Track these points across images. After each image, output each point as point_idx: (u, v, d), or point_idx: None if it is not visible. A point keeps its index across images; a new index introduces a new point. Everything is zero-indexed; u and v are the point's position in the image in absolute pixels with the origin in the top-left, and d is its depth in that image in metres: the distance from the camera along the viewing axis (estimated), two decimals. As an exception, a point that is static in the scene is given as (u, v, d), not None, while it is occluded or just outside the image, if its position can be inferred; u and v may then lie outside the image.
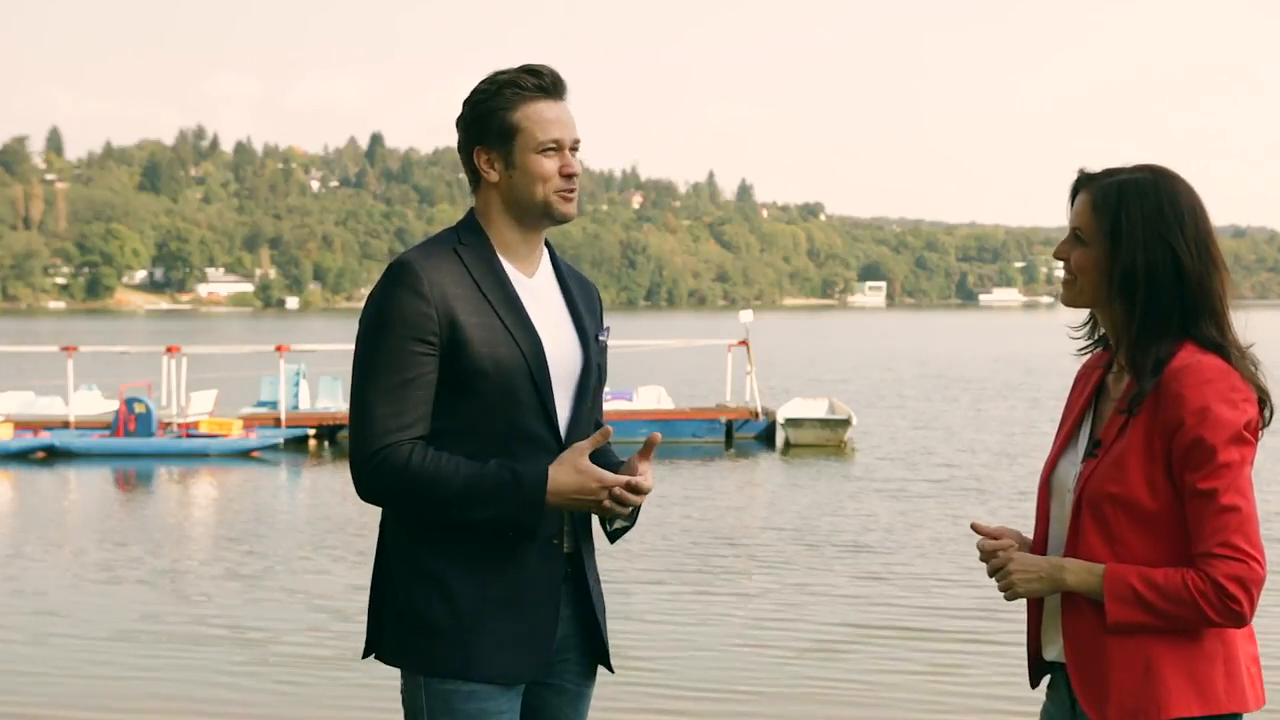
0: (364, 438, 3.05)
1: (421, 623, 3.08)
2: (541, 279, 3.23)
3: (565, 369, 3.16)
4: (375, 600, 3.21)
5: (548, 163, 3.13)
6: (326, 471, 23.98)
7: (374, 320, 3.07)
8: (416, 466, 3.01)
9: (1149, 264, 2.86)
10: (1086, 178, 2.98)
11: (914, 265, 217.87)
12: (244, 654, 10.71)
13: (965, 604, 12.26)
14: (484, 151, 3.16)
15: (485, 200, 3.19)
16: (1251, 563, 2.77)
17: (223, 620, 11.97)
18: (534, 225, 3.20)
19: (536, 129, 3.12)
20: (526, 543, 3.09)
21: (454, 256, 3.12)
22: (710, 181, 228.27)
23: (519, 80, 3.13)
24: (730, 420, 28.21)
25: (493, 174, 3.16)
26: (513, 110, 3.12)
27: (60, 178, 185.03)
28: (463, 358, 3.04)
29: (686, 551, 15.38)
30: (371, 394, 3.04)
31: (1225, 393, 2.80)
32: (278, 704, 9.35)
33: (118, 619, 12.05)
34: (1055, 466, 3.02)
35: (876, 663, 10.33)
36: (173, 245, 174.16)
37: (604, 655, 3.27)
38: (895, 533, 16.70)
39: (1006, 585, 2.95)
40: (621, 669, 3.37)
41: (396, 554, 3.14)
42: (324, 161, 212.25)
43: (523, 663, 3.11)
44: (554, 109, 3.14)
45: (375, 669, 9.08)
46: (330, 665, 10.29)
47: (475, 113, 3.16)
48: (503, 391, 3.07)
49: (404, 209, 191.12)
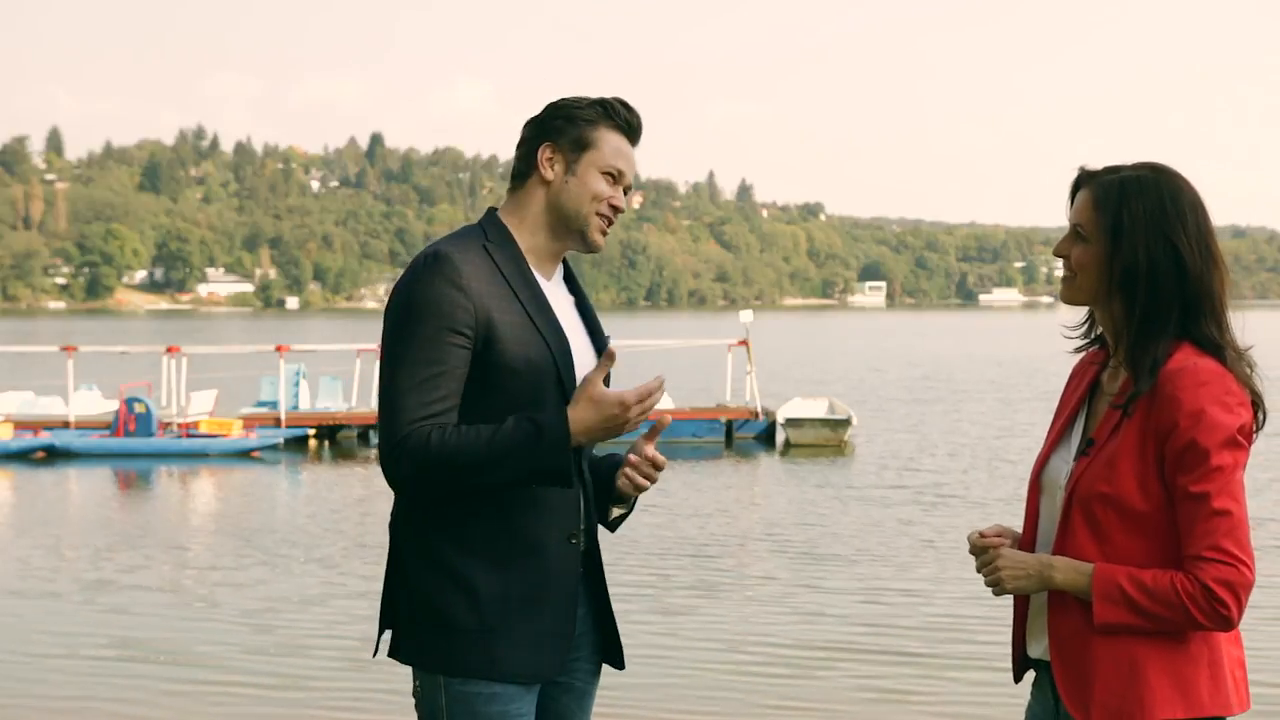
0: (391, 427, 3.01)
1: (443, 622, 3.06)
2: (557, 284, 3.26)
3: (584, 371, 3.17)
4: (389, 599, 3.18)
5: (604, 185, 3.17)
6: (326, 471, 24.00)
7: (408, 310, 3.03)
8: (438, 442, 2.98)
9: (1150, 261, 2.86)
10: (1087, 175, 2.97)
11: (914, 265, 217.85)
12: (244, 654, 10.70)
13: (963, 611, 12.25)
14: (551, 149, 3.18)
15: (527, 198, 3.20)
16: (1241, 567, 2.77)
17: (222, 620, 11.97)
18: (562, 239, 3.21)
19: (608, 152, 3.17)
20: (546, 540, 3.09)
21: (484, 253, 3.11)
22: (710, 181, 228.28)
23: (612, 106, 3.20)
24: (730, 420, 28.21)
25: (550, 172, 3.17)
26: (595, 127, 3.17)
27: (60, 178, 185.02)
28: (495, 354, 3.04)
29: (685, 552, 15.38)
30: (402, 384, 3.01)
31: (1220, 396, 2.80)
32: (279, 704, 9.34)
33: (116, 619, 12.06)
34: (1047, 463, 3.02)
35: (876, 668, 10.33)
36: (173, 245, 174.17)
37: (617, 653, 3.29)
38: (894, 535, 16.70)
39: (994, 581, 2.94)
40: (610, 672, 3.37)
41: (412, 552, 3.11)
42: (324, 161, 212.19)
43: (544, 661, 3.10)
44: (627, 146, 3.22)
45: (379, 669, 9.07)
46: (332, 666, 10.29)
47: (559, 113, 3.19)
48: (530, 390, 3.07)
49: (404, 209, 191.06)
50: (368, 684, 9.50)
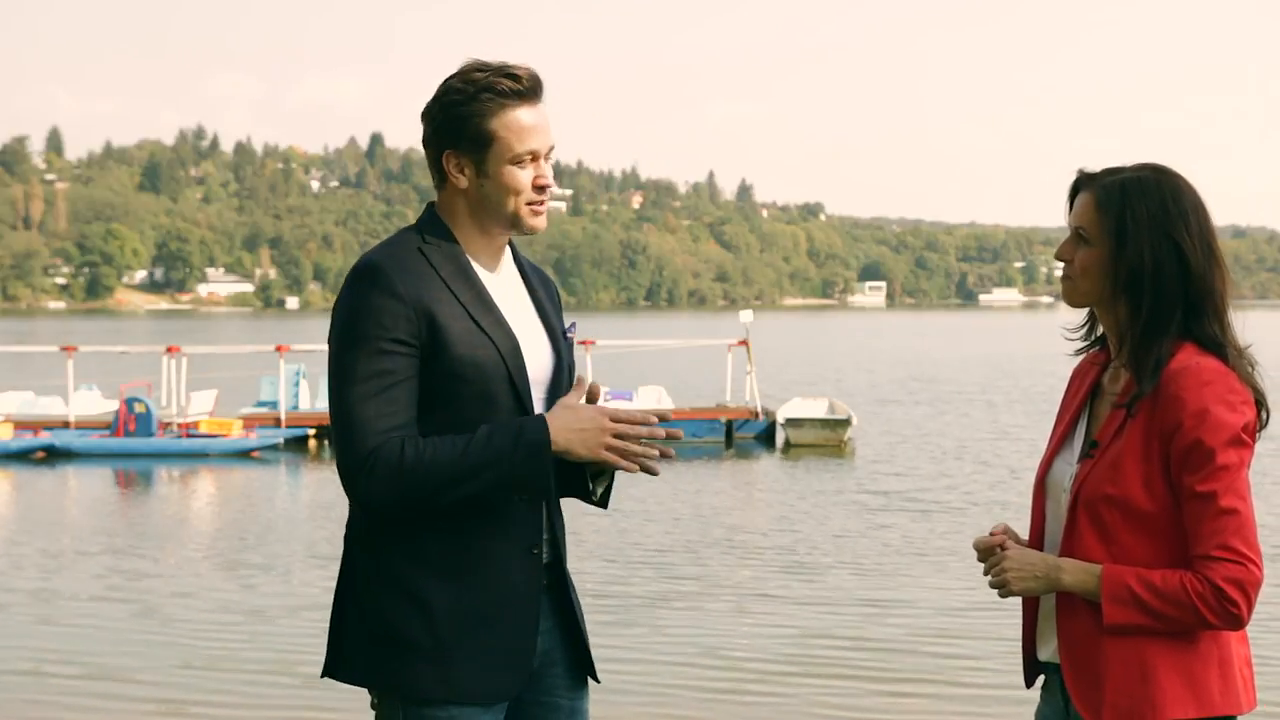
0: (353, 442, 2.88)
1: (396, 640, 2.93)
2: (506, 275, 3.09)
3: (539, 369, 3.03)
4: (338, 615, 3.04)
5: (521, 174, 2.97)
6: (326, 471, 23.98)
7: (348, 324, 2.91)
8: (412, 456, 2.85)
9: (1155, 261, 2.85)
10: (1087, 178, 2.97)
11: (914, 265, 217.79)
12: (244, 654, 10.70)
13: (963, 611, 12.25)
14: (454, 156, 2.98)
15: (451, 203, 3.04)
16: (1249, 565, 2.77)
17: (222, 621, 11.96)
18: (499, 234, 3.05)
19: (514, 139, 2.95)
20: (505, 553, 2.96)
21: (419, 256, 2.96)
22: (710, 181, 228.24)
23: (496, 84, 2.94)
24: (730, 420, 28.21)
25: (462, 180, 2.99)
26: (489, 117, 2.94)
27: (60, 178, 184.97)
28: (441, 360, 2.90)
29: (682, 553, 15.37)
30: (355, 399, 2.88)
31: (1224, 395, 2.80)
32: (278, 705, 9.34)
33: (115, 619, 12.05)
34: (1050, 466, 3.02)
35: (874, 670, 10.32)
36: (173, 245, 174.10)
37: (589, 666, 3.14)
38: (892, 536, 16.70)
39: (1000, 582, 2.92)
40: (609, 676, 3.32)
41: (365, 568, 2.98)
42: (324, 161, 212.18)
43: (504, 679, 2.97)
44: (532, 114, 2.97)
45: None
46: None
47: (447, 115, 2.97)
48: (480, 395, 2.93)
49: (404, 209, 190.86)
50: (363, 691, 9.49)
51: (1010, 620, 7.19)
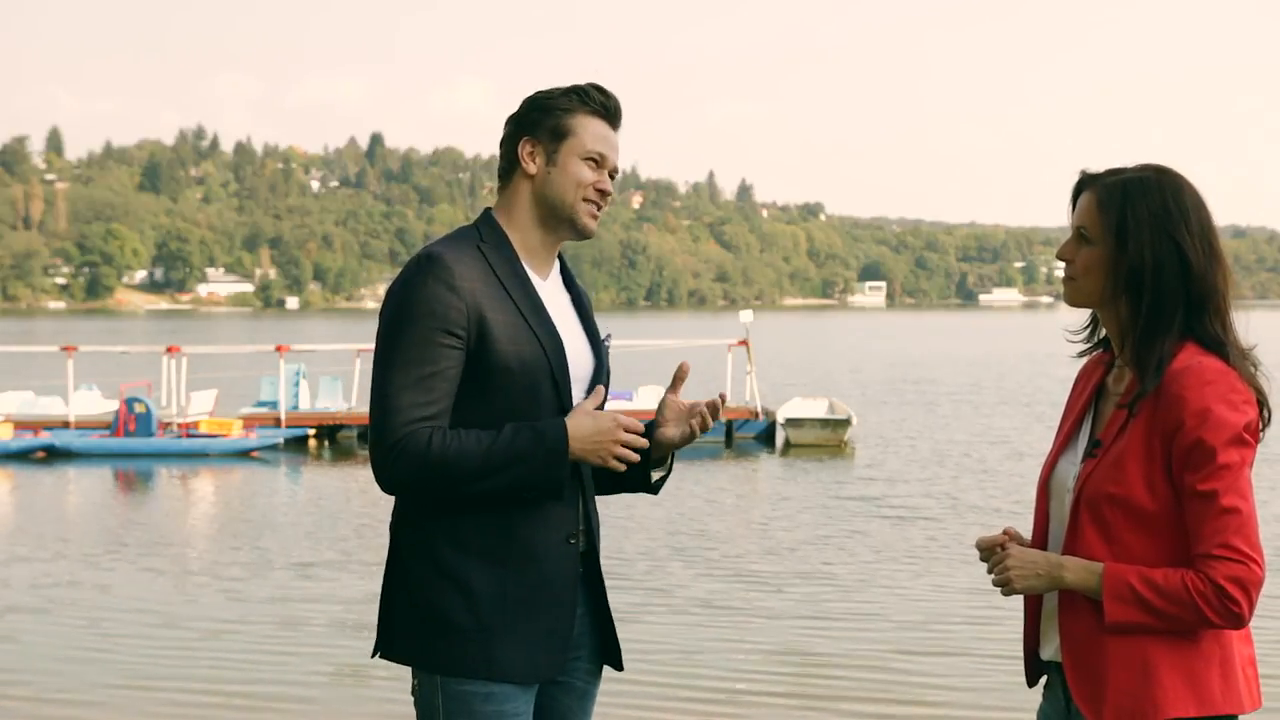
0: (386, 428, 3.02)
1: (441, 622, 3.07)
2: (553, 282, 3.26)
3: (580, 369, 3.20)
4: (387, 599, 3.19)
5: (587, 171, 3.18)
6: (326, 471, 24.00)
7: (401, 310, 3.05)
8: (438, 447, 3.00)
9: (1156, 260, 2.87)
10: (1089, 178, 2.98)
11: (914, 265, 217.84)
12: (244, 655, 10.70)
13: (964, 612, 12.26)
14: (530, 143, 3.19)
15: (514, 194, 3.22)
16: (1251, 564, 2.77)
17: (222, 621, 11.96)
18: (554, 230, 3.22)
19: (587, 137, 3.18)
20: (545, 541, 3.11)
21: (478, 253, 3.12)
22: (710, 181, 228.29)
23: (586, 92, 3.20)
24: (730, 420, 28.20)
25: (532, 166, 3.18)
26: (571, 115, 3.18)
27: (60, 178, 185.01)
28: (488, 354, 3.05)
29: (685, 551, 15.37)
30: (396, 384, 3.02)
31: (1225, 394, 2.80)
32: (279, 705, 9.33)
33: (113, 619, 12.05)
34: (1055, 466, 3.02)
35: (874, 671, 10.33)
36: (173, 245, 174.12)
37: (616, 654, 3.29)
38: (891, 536, 16.70)
39: (1003, 580, 2.94)
40: (608, 673, 3.36)
41: (412, 553, 3.12)
42: (324, 161, 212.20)
43: (542, 662, 3.11)
44: (609, 130, 3.22)
45: (377, 671, 9.07)
46: (333, 667, 10.28)
47: (534, 106, 3.21)
48: (525, 390, 3.09)
49: (404, 209, 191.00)
50: (366, 688, 9.49)
51: (1011, 619, 7.19)
